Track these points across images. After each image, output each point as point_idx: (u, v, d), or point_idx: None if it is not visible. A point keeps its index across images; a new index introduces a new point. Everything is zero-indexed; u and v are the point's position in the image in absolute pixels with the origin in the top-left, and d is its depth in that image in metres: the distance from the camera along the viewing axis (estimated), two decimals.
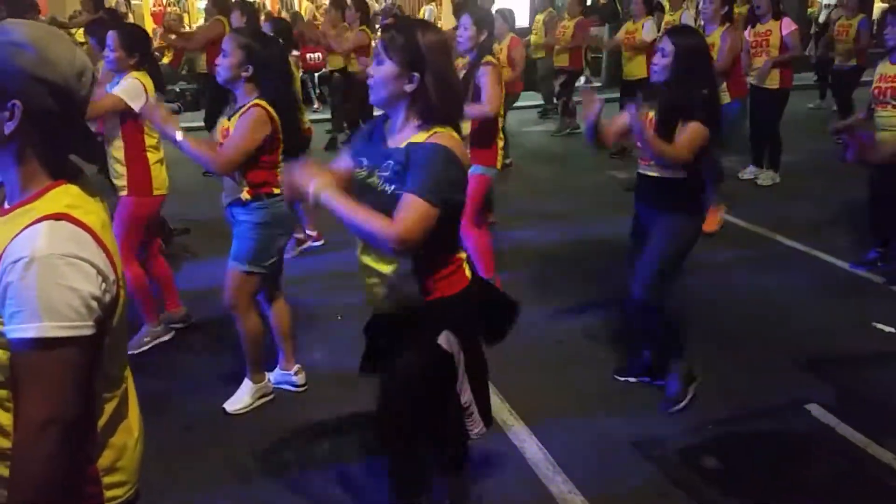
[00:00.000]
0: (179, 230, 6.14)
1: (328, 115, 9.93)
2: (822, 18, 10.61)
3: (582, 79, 11.74)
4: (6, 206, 1.48)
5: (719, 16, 6.39)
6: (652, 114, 3.51)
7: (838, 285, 5.25)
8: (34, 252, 1.34)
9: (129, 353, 4.10)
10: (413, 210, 2.07)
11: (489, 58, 4.49)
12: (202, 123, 8.30)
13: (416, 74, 2.14)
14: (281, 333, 3.81)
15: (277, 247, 3.52)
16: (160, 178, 4.19)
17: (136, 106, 3.92)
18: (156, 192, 4.17)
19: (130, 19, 13.26)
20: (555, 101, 10.51)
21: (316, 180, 2.12)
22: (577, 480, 3.17)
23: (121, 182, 4.13)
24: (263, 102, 3.32)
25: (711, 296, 4.96)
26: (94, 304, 1.38)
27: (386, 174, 2.19)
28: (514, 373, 3.97)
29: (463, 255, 2.38)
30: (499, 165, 4.72)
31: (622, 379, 3.98)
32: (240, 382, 3.81)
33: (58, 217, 1.39)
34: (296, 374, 3.88)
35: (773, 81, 7.18)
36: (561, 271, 5.22)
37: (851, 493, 3.17)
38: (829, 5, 12.93)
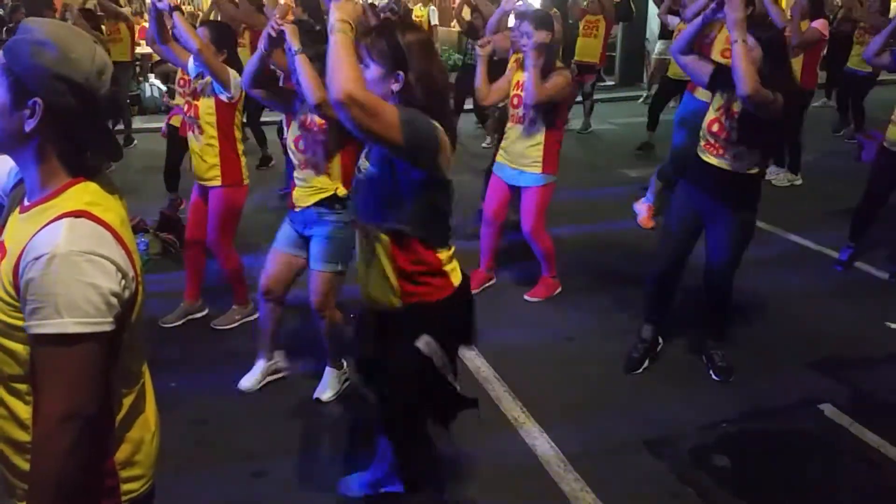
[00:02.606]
0: None
1: None
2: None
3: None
4: (27, 202, 1.50)
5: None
6: (734, 106, 3.53)
7: (851, 284, 5.22)
8: (55, 249, 1.35)
9: (218, 327, 4.29)
10: (384, 103, 2.08)
11: (559, 65, 4.53)
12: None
13: (401, 73, 2.21)
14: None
15: (352, 245, 3.52)
16: (245, 169, 4.35)
17: (236, 94, 4.09)
18: (245, 182, 4.33)
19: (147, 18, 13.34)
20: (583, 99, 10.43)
21: (340, 17, 2.06)
22: (588, 478, 3.17)
23: (213, 173, 4.23)
24: None
25: None
26: (114, 300, 1.40)
27: (365, 159, 2.35)
28: (526, 370, 3.98)
29: (446, 255, 2.37)
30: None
31: (641, 371, 4.04)
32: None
33: (78, 214, 1.41)
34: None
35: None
36: (571, 268, 5.21)
37: (864, 493, 3.16)
38: None
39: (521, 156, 4.62)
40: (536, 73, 4.31)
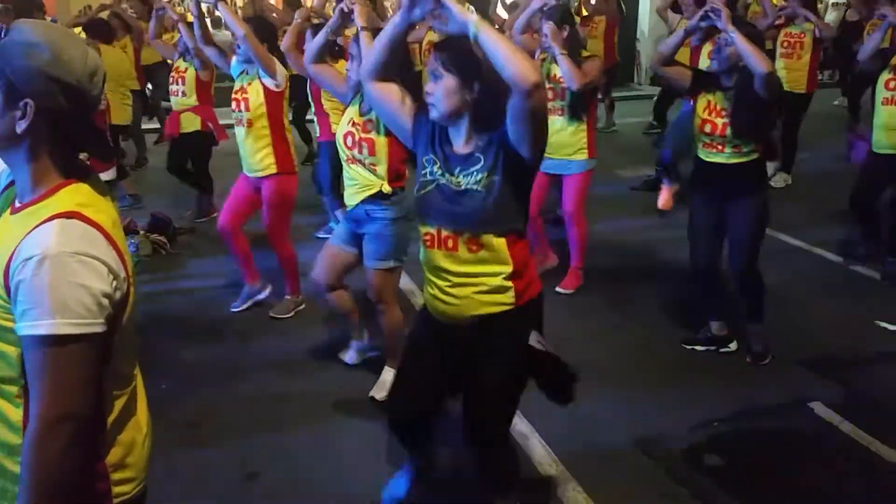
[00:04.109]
0: (184, 229, 6.17)
1: None
2: (827, 17, 10.66)
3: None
4: (17, 204, 1.49)
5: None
6: (715, 100, 3.77)
7: (841, 283, 5.24)
8: (46, 250, 1.35)
9: (277, 317, 4.42)
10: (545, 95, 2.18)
11: (585, 53, 4.68)
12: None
13: (477, 83, 2.23)
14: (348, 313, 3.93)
15: (408, 238, 3.58)
16: (295, 157, 4.50)
17: (282, 82, 4.30)
18: (296, 170, 4.47)
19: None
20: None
21: (473, 16, 2.07)
22: (581, 478, 3.17)
23: (266, 162, 4.37)
24: None
25: None
26: (105, 301, 1.40)
27: (475, 175, 2.27)
28: None
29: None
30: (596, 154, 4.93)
31: (689, 347, 4.22)
32: (245, 377, 3.89)
33: (69, 215, 1.40)
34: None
35: (801, 85, 7.19)
36: (565, 270, 5.22)
37: (855, 491, 3.17)
38: (837, 4, 12.90)
39: (566, 145, 4.77)
40: (568, 59, 4.43)
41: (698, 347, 4.22)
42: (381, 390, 3.73)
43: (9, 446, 1.49)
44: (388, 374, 3.78)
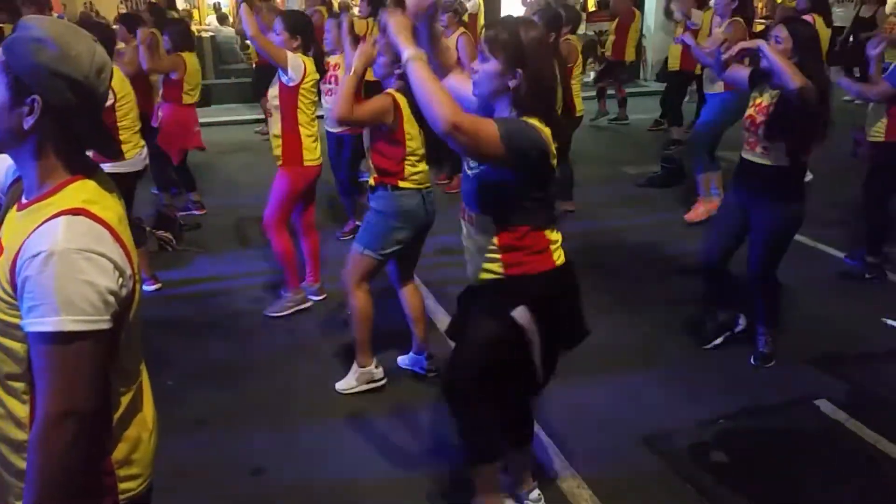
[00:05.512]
0: (190, 226, 6.18)
1: None
2: (837, 12, 10.66)
3: (592, 74, 11.70)
4: (24, 200, 1.49)
5: (730, 9, 6.36)
6: (762, 100, 3.74)
7: (848, 281, 5.22)
8: (52, 246, 1.35)
9: (271, 315, 4.38)
10: (482, 121, 2.20)
11: None
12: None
13: (519, 70, 2.27)
14: (413, 317, 3.89)
15: (396, 238, 3.59)
16: (312, 151, 4.48)
17: (294, 77, 4.28)
18: (306, 163, 4.45)
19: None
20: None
21: (410, 50, 2.22)
22: (585, 475, 3.18)
23: (277, 153, 4.44)
24: (395, 93, 3.44)
25: None
26: (111, 298, 1.40)
27: (474, 162, 2.40)
28: None
29: (555, 237, 2.53)
30: None
31: (711, 346, 4.21)
32: (251, 375, 3.86)
33: (76, 212, 1.40)
34: (427, 358, 3.93)
35: None
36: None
37: (861, 488, 3.16)
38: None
39: None
40: None
41: (717, 341, 4.21)
42: (345, 384, 3.78)
43: (15, 442, 1.49)
44: (353, 372, 3.80)
